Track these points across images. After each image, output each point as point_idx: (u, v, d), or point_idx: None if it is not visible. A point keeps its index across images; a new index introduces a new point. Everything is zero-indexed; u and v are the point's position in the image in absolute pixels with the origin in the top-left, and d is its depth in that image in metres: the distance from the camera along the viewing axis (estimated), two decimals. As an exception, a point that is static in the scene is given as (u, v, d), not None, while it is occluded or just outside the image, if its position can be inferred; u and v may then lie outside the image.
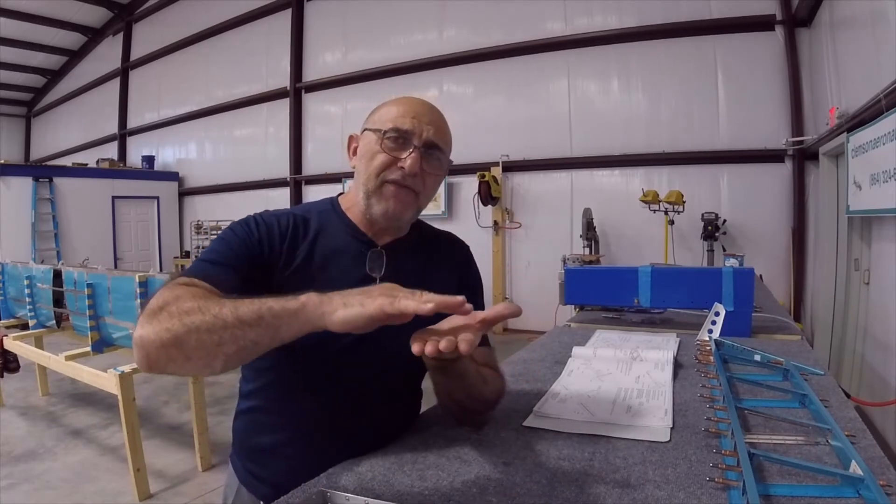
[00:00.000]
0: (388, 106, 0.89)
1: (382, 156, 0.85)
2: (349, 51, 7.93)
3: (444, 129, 0.89)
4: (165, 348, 0.63)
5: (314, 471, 0.78)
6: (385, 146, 0.85)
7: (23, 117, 15.23)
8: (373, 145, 0.87)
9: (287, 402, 0.90)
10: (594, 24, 6.12)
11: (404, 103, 0.88)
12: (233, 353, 0.64)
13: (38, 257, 7.72)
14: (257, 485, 0.91)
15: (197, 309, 0.64)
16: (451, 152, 0.92)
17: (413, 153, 0.84)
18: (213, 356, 0.63)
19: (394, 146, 0.85)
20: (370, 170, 0.86)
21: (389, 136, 0.85)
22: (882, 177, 2.97)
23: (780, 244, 5.37)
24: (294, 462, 0.87)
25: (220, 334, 0.62)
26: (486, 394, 0.88)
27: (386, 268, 0.91)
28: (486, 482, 0.74)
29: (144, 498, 2.61)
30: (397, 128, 0.85)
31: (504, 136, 6.60)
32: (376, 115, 0.90)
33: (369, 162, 0.87)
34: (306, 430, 0.89)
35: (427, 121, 0.87)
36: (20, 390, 4.27)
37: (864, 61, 3.53)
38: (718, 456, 0.76)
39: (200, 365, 0.65)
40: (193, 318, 0.63)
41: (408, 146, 0.85)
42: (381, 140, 0.85)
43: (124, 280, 2.90)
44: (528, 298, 6.58)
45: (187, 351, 0.63)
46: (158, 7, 10.57)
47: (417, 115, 0.86)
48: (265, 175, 8.74)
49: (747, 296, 1.69)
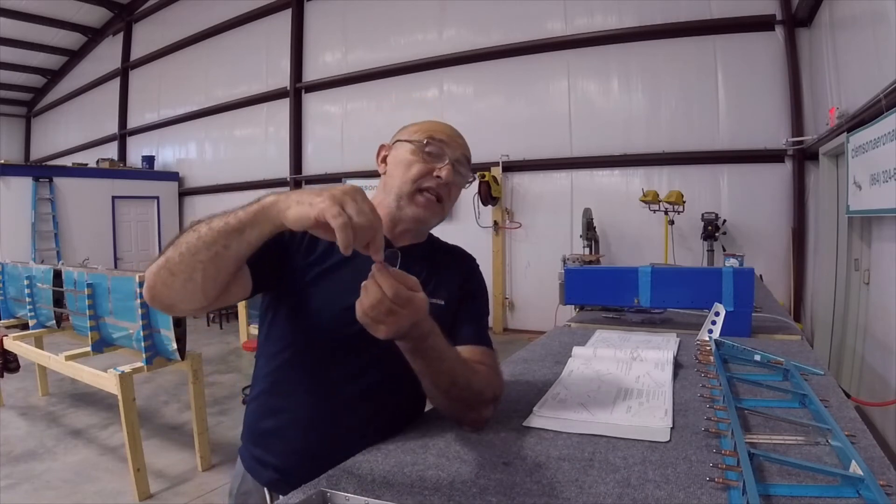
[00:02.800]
0: (421, 124, 1.00)
1: (420, 165, 0.95)
2: (349, 51, 7.93)
3: (468, 150, 1.01)
4: (158, 271, 0.74)
5: (314, 455, 0.82)
6: (424, 156, 0.95)
7: (23, 117, 15.22)
8: (409, 155, 0.96)
9: (292, 386, 0.94)
10: (594, 24, 6.12)
11: (437, 124, 1.00)
12: (207, 259, 0.71)
13: (38, 257, 7.73)
14: (261, 470, 0.95)
15: (183, 234, 0.73)
16: None
17: (448, 164, 0.94)
18: (192, 267, 0.71)
19: (430, 158, 0.95)
20: (407, 176, 0.95)
21: (429, 149, 0.95)
22: (882, 177, 2.97)
23: (780, 244, 5.37)
24: (295, 445, 0.91)
25: (195, 245, 0.71)
26: (473, 383, 0.88)
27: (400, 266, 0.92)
28: (486, 482, 0.74)
29: (144, 498, 2.62)
30: (438, 140, 0.96)
31: (504, 136, 6.59)
32: (410, 130, 0.99)
33: (406, 170, 0.95)
34: (308, 414, 0.92)
35: (459, 141, 0.99)
36: (20, 390, 4.27)
37: (864, 61, 3.53)
38: (718, 456, 0.76)
39: (183, 279, 0.72)
40: (180, 239, 0.73)
41: (443, 158, 0.95)
42: (422, 150, 0.95)
43: (124, 280, 2.90)
44: (528, 298, 6.59)
45: (171, 266, 0.72)
46: (158, 7, 10.57)
47: (450, 136, 0.98)
48: (265, 175, 8.74)
49: (747, 296, 1.69)
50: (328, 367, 0.92)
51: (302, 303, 0.91)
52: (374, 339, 0.89)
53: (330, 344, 0.91)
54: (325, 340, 0.91)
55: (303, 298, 0.91)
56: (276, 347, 0.95)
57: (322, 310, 0.90)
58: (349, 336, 0.89)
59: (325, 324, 0.90)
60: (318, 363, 0.92)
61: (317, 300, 0.91)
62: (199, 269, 0.71)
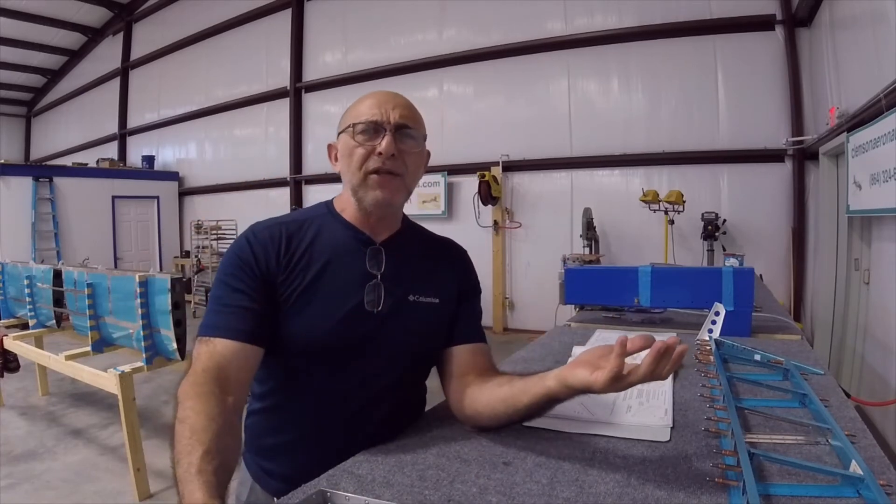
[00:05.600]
0: (353, 105, 0.94)
1: (359, 149, 0.89)
2: (349, 51, 7.93)
3: (410, 109, 0.93)
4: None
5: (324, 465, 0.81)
6: (359, 139, 0.89)
7: (23, 117, 15.23)
8: (349, 143, 0.90)
9: (293, 404, 0.92)
10: (594, 23, 6.12)
11: (366, 98, 0.93)
12: None
13: (38, 257, 7.72)
14: (269, 480, 0.94)
15: (179, 447, 0.69)
16: (426, 129, 0.95)
17: (386, 137, 0.88)
18: None
19: (366, 137, 0.89)
20: (352, 165, 0.90)
21: (360, 129, 0.89)
22: (882, 177, 2.97)
23: (780, 244, 5.37)
24: (302, 458, 0.90)
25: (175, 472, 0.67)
26: None
27: (386, 265, 0.93)
28: (486, 482, 0.74)
29: (144, 498, 2.62)
30: (365, 119, 0.89)
31: (504, 135, 6.60)
32: (345, 117, 0.94)
33: (349, 159, 0.91)
34: (313, 430, 0.91)
35: (391, 106, 0.90)
36: (20, 390, 4.27)
37: (864, 61, 3.52)
38: (718, 456, 0.76)
39: None
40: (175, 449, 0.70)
41: (380, 133, 0.88)
42: (353, 135, 0.89)
43: (124, 280, 2.90)
44: (528, 298, 6.59)
45: None
46: (158, 7, 10.57)
47: (381, 104, 0.90)
48: (265, 175, 8.74)
49: (747, 296, 1.68)
50: (333, 381, 0.90)
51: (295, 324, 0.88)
52: (376, 345, 0.91)
53: (331, 358, 0.90)
54: (327, 355, 0.89)
55: (294, 320, 0.88)
56: (274, 366, 0.92)
57: (316, 326, 0.88)
58: (348, 346, 0.89)
59: (324, 339, 0.88)
60: (323, 378, 0.90)
61: (309, 317, 0.88)
62: None
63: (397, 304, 0.92)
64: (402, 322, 0.92)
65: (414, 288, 0.94)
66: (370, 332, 0.90)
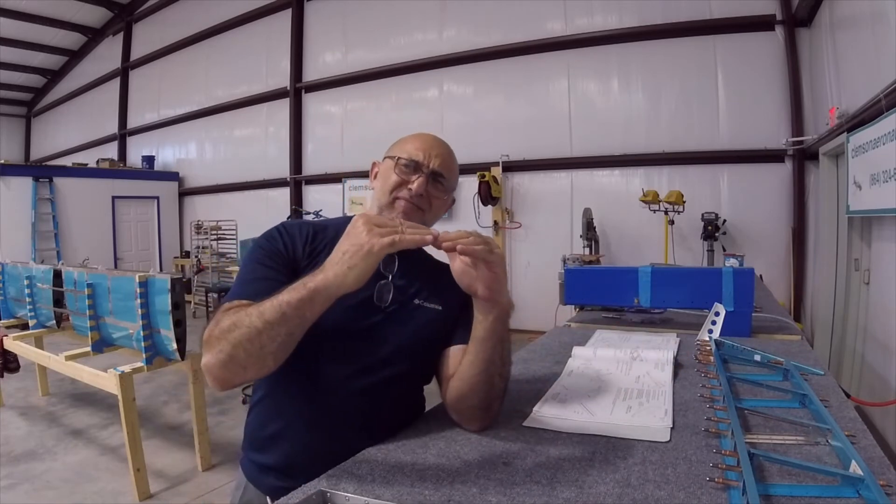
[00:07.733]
0: (405, 139, 1.06)
1: (396, 178, 1.01)
2: (349, 51, 7.93)
3: (449, 161, 1.04)
4: (224, 367, 0.77)
5: (318, 452, 0.84)
6: (398, 171, 1.01)
7: (23, 117, 15.22)
8: (389, 170, 1.02)
9: (291, 387, 0.96)
10: (594, 24, 6.11)
11: (419, 138, 1.05)
12: (276, 349, 0.77)
13: (38, 257, 7.72)
14: (262, 477, 0.97)
15: (234, 325, 0.77)
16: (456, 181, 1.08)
17: (420, 178, 1.00)
18: (262, 359, 0.77)
19: (405, 171, 1.01)
20: (385, 187, 1.02)
21: (402, 163, 1.01)
22: (882, 177, 2.97)
23: (780, 244, 5.37)
24: (295, 444, 0.93)
25: (259, 340, 0.75)
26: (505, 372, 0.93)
27: (398, 269, 1.00)
28: (486, 482, 0.74)
29: (144, 498, 2.62)
30: (410, 158, 1.01)
31: (504, 136, 6.59)
32: (395, 146, 1.05)
33: (385, 181, 1.02)
34: (313, 413, 0.94)
35: (436, 153, 1.02)
36: (20, 390, 4.27)
37: (864, 61, 3.52)
38: (718, 456, 0.77)
39: (256, 369, 0.78)
40: (234, 334, 0.76)
41: (417, 172, 1.00)
42: (396, 166, 1.01)
43: (124, 280, 2.90)
44: (528, 298, 6.58)
45: (240, 362, 0.76)
46: (158, 7, 10.56)
47: (428, 149, 1.02)
48: (265, 175, 8.73)
49: (747, 296, 1.69)
50: (334, 366, 0.94)
51: None
52: (378, 337, 0.96)
53: (335, 343, 0.94)
54: (331, 340, 0.94)
55: None
56: None
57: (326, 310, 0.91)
58: (354, 334, 0.95)
59: (331, 324, 0.91)
60: (324, 362, 0.94)
61: None
62: (269, 358, 0.77)
63: (403, 304, 0.99)
64: (405, 321, 0.98)
65: (420, 293, 1.01)
66: (374, 325, 0.96)
